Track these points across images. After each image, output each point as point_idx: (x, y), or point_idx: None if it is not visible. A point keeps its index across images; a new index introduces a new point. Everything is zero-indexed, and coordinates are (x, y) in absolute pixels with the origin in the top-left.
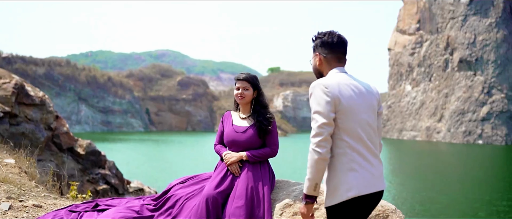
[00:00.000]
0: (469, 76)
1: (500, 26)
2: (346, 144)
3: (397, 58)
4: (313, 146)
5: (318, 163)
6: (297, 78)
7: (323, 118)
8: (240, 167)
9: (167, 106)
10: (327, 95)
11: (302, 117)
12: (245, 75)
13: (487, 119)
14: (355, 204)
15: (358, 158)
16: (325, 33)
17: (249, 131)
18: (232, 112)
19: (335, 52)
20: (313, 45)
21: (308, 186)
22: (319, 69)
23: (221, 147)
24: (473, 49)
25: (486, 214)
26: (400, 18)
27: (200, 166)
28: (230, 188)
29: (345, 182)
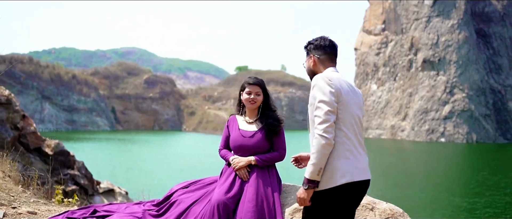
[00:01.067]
0: (432, 76)
1: (462, 28)
2: (343, 134)
3: (363, 58)
4: (320, 132)
5: (325, 148)
6: (265, 77)
7: (328, 106)
8: (248, 172)
9: (133, 105)
10: (331, 86)
11: None
12: (256, 80)
13: (449, 117)
14: (346, 190)
15: (352, 147)
16: (317, 38)
17: (257, 136)
18: (237, 116)
19: (328, 54)
20: (306, 50)
21: (312, 170)
22: (313, 69)
23: (227, 152)
24: (436, 49)
25: (451, 211)
26: (366, 18)
27: (171, 166)
28: (239, 193)
29: (340, 169)
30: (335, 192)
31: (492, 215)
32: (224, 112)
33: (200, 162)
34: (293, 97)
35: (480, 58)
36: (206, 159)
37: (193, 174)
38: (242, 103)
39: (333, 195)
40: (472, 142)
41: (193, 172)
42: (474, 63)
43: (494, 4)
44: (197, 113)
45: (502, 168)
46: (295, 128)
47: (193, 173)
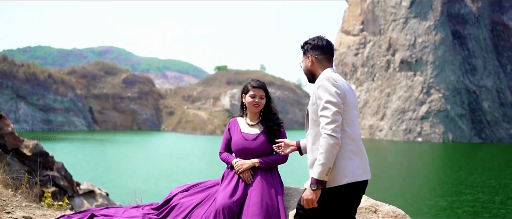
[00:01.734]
0: (410, 76)
1: (438, 29)
2: (347, 134)
3: (341, 58)
4: (329, 132)
5: (334, 147)
6: (245, 76)
7: (336, 107)
8: (252, 174)
9: (111, 104)
10: (337, 88)
11: None
12: (260, 83)
13: (426, 117)
14: (349, 189)
15: (355, 147)
16: (314, 38)
17: (259, 138)
18: (238, 118)
19: (325, 54)
20: (303, 50)
21: (321, 171)
22: (310, 69)
23: (229, 155)
24: (413, 50)
25: (430, 210)
26: (345, 19)
27: (151, 166)
28: (243, 197)
29: (343, 169)
30: (338, 191)
31: (471, 214)
32: (204, 112)
33: (181, 162)
34: (273, 97)
35: (456, 59)
36: (187, 159)
37: (175, 175)
38: (244, 106)
39: (336, 194)
40: (448, 141)
41: (175, 172)
42: (450, 64)
43: (469, 6)
44: (176, 113)
45: (478, 168)
46: None
47: (175, 174)
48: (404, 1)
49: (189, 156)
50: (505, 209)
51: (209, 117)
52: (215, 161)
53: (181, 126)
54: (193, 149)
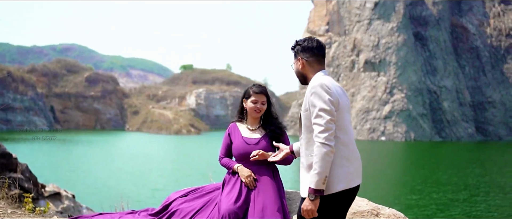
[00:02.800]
0: (373, 76)
1: (401, 31)
2: (340, 141)
3: None
4: (323, 141)
5: (328, 156)
6: (210, 76)
7: (329, 115)
8: (255, 179)
9: (73, 104)
10: (330, 95)
11: (215, 115)
12: (262, 88)
13: (389, 117)
14: (342, 196)
15: (348, 154)
16: (305, 40)
17: (262, 143)
18: (237, 123)
19: (316, 55)
20: (294, 52)
21: (317, 180)
22: (302, 72)
23: (230, 160)
24: (377, 51)
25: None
26: (311, 19)
27: (117, 167)
28: (247, 202)
29: (336, 176)
30: (331, 198)
31: (436, 212)
32: (169, 111)
33: (147, 162)
34: (239, 96)
35: (418, 60)
36: (154, 159)
37: (143, 175)
38: (245, 111)
39: (329, 201)
40: (410, 140)
41: (142, 173)
42: (412, 64)
43: (430, 9)
44: (141, 112)
45: (440, 166)
46: None
47: (143, 174)
48: (368, 3)
49: (156, 156)
50: (469, 207)
51: (175, 116)
52: (181, 160)
53: (146, 125)
54: (159, 149)
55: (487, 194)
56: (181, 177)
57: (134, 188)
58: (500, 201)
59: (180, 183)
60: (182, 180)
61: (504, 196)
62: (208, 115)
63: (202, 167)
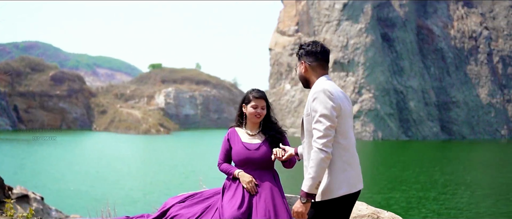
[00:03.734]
0: (342, 76)
1: (369, 32)
2: (340, 146)
3: (277, 58)
4: (320, 147)
5: (324, 162)
6: (180, 75)
7: (330, 121)
8: (256, 185)
9: (38, 103)
10: (333, 101)
11: (184, 114)
12: (262, 93)
13: (357, 116)
14: (343, 201)
15: (350, 159)
16: (309, 43)
17: (262, 148)
18: (236, 128)
19: (319, 60)
20: (298, 55)
21: (311, 184)
22: (305, 76)
23: (230, 166)
24: (346, 52)
25: None
26: (280, 19)
27: (84, 168)
28: (251, 207)
29: (338, 181)
30: (333, 203)
31: (407, 210)
32: (138, 111)
33: (116, 163)
34: (208, 95)
35: (385, 60)
36: (123, 160)
37: (112, 176)
38: (245, 116)
39: (331, 206)
40: (378, 139)
41: (111, 173)
42: (380, 65)
43: (397, 11)
44: (109, 111)
45: (408, 164)
46: (210, 126)
47: (112, 175)
48: (337, 4)
49: (127, 157)
50: (438, 204)
51: (144, 116)
52: (153, 161)
53: (114, 125)
54: (129, 149)
55: (455, 192)
56: (155, 179)
57: (105, 190)
58: (467, 198)
59: (154, 185)
60: (156, 182)
61: (471, 194)
62: (178, 114)
63: (176, 168)
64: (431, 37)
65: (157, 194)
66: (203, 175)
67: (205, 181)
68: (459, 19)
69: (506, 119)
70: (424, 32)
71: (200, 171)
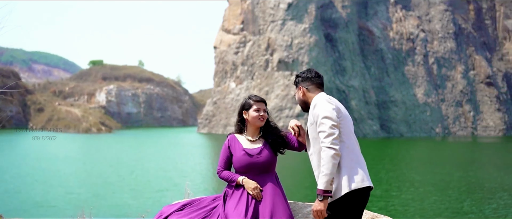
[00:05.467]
0: (287, 75)
1: (313, 32)
2: (346, 145)
3: (222, 56)
4: (328, 145)
5: (334, 158)
6: (122, 72)
7: (332, 121)
8: (260, 190)
9: None
10: (332, 104)
11: (126, 112)
12: (261, 97)
13: (301, 115)
14: (355, 196)
15: (355, 157)
16: (304, 71)
17: (264, 152)
18: (236, 135)
19: (314, 83)
20: (295, 83)
21: (325, 181)
22: (303, 99)
23: (232, 173)
24: (290, 51)
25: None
26: (226, 18)
27: (23, 170)
28: (257, 214)
29: (349, 177)
30: (347, 198)
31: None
32: (77, 109)
33: (60, 163)
34: (152, 93)
35: (328, 60)
36: (64, 160)
37: (55, 178)
38: (246, 122)
39: (345, 202)
40: None
41: (52, 175)
42: (323, 65)
43: (340, 12)
44: (46, 109)
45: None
46: (153, 125)
47: (55, 177)
48: (281, 3)
49: (66, 157)
50: (385, 201)
51: (84, 114)
52: (94, 161)
53: (52, 124)
54: (68, 149)
55: (400, 189)
56: (99, 180)
57: (46, 192)
58: (412, 195)
59: (98, 186)
60: (100, 183)
61: (415, 190)
62: (120, 112)
63: (120, 168)
64: (371, 38)
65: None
66: (154, 175)
67: (157, 182)
68: (398, 22)
69: (440, 118)
70: (365, 33)
71: (149, 171)
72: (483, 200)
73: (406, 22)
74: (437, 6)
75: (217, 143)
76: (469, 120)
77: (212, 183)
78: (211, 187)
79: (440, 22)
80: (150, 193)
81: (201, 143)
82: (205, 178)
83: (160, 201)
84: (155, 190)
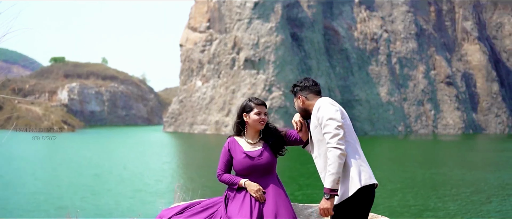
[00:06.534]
0: (253, 74)
1: (279, 31)
2: (350, 145)
3: (188, 54)
4: (335, 145)
5: (340, 158)
6: (85, 69)
7: (337, 122)
8: (264, 192)
9: None
10: (335, 106)
11: (90, 111)
12: (262, 100)
13: (268, 113)
14: (364, 192)
15: (359, 156)
16: (301, 81)
17: (265, 154)
18: (236, 138)
19: (313, 91)
20: (293, 92)
21: (332, 180)
22: (303, 107)
23: (233, 176)
24: (257, 50)
25: None
26: (192, 16)
27: None
28: (261, 215)
29: (356, 176)
30: (357, 196)
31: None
32: (38, 107)
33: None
34: (116, 91)
35: (294, 59)
36: (27, 160)
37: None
38: (246, 124)
39: (355, 200)
40: None
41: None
42: (289, 64)
43: (306, 11)
44: (5, 107)
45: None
46: (117, 123)
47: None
48: (248, 2)
49: (27, 157)
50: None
51: (45, 112)
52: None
53: (11, 122)
54: (28, 149)
55: None
56: (63, 181)
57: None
58: (379, 193)
59: (61, 187)
60: (64, 184)
61: (382, 187)
62: (83, 111)
63: (89, 169)
64: (336, 38)
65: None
66: (117, 175)
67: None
68: (362, 22)
69: (403, 116)
70: (331, 33)
71: (120, 171)
72: (448, 197)
73: (370, 22)
74: (400, 7)
75: (184, 142)
76: (430, 118)
77: (186, 182)
78: (185, 186)
79: (403, 23)
80: (131, 193)
81: (168, 142)
82: (174, 177)
83: (143, 201)
84: (132, 190)
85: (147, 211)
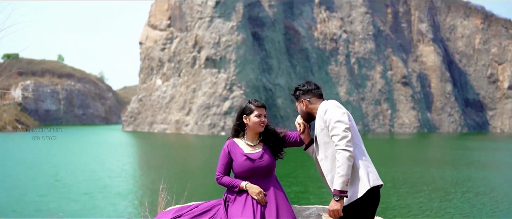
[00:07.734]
0: (214, 73)
1: (240, 30)
2: (357, 147)
3: (148, 52)
4: (343, 147)
5: (349, 160)
6: (40, 67)
7: (345, 124)
8: (264, 195)
9: None
10: (342, 109)
11: (45, 109)
12: (262, 102)
13: (228, 113)
14: (371, 195)
15: (366, 157)
16: (303, 84)
17: (265, 156)
18: (236, 140)
19: (315, 95)
20: (295, 96)
21: (342, 182)
22: (306, 111)
23: (233, 179)
24: (218, 49)
25: None
26: (152, 13)
27: None
28: (263, 217)
29: (365, 177)
30: (366, 197)
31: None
32: None
33: None
34: (72, 90)
35: (255, 59)
36: None
37: None
38: (246, 126)
39: (364, 201)
40: None
41: None
42: (250, 63)
43: (267, 11)
44: None
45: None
46: (74, 123)
47: None
48: (209, 1)
49: None
50: (320, 198)
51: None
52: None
53: None
54: None
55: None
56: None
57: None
58: None
59: (21, 188)
60: (19, 185)
61: None
62: (37, 110)
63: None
64: (297, 37)
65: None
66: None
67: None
68: (322, 22)
69: (361, 116)
70: (291, 33)
71: (82, 171)
72: (408, 195)
73: (330, 23)
74: (358, 8)
75: (144, 141)
76: (387, 118)
77: (156, 183)
78: (156, 187)
79: (361, 24)
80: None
81: (128, 142)
82: (136, 177)
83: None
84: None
85: (119, 215)
